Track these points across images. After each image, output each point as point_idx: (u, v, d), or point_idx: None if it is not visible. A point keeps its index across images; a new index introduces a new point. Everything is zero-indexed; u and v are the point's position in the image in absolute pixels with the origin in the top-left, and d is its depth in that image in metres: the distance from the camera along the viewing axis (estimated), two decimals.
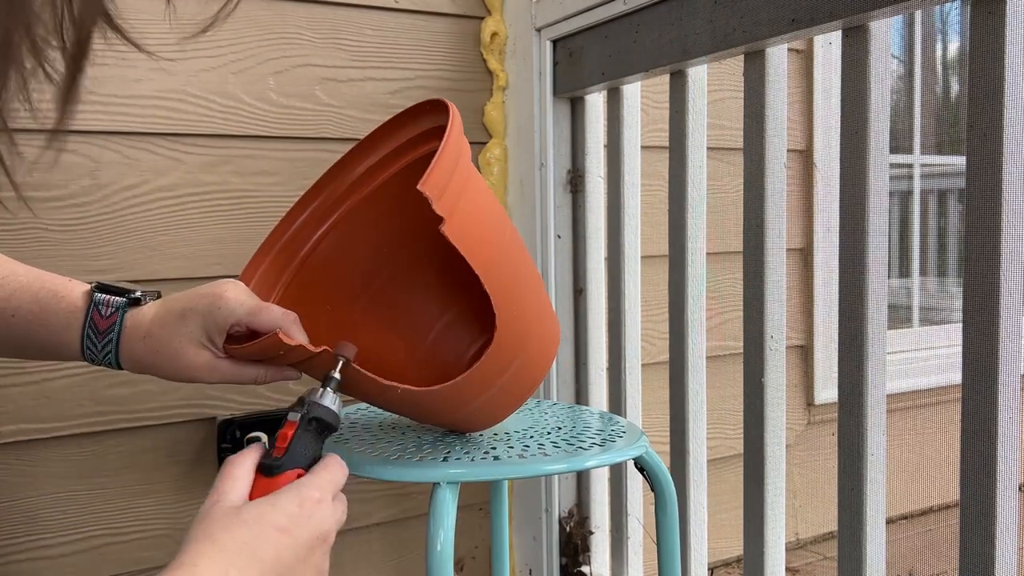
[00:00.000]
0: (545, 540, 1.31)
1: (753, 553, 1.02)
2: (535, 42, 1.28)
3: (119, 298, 0.75)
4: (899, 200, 2.32)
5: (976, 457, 0.75)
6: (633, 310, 1.23)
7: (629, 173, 1.21)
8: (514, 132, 1.33)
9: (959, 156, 2.33)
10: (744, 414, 1.01)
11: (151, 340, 0.75)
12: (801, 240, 1.91)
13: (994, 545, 0.75)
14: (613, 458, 0.82)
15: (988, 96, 0.73)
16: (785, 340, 1.00)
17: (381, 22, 1.26)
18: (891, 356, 0.89)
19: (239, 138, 1.18)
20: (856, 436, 0.87)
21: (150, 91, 1.12)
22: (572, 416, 0.96)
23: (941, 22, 2.43)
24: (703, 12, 0.99)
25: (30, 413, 1.07)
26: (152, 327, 0.75)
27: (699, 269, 1.11)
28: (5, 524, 1.07)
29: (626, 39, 1.12)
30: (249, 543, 0.58)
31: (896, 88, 2.37)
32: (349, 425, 0.94)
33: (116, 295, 0.75)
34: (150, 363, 0.75)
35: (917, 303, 2.30)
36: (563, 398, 1.31)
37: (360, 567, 1.29)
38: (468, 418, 0.81)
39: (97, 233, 1.10)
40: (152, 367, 0.76)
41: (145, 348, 0.75)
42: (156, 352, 0.75)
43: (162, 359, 0.75)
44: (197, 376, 0.76)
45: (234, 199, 1.18)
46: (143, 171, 1.12)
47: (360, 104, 1.25)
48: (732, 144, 1.68)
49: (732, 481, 1.55)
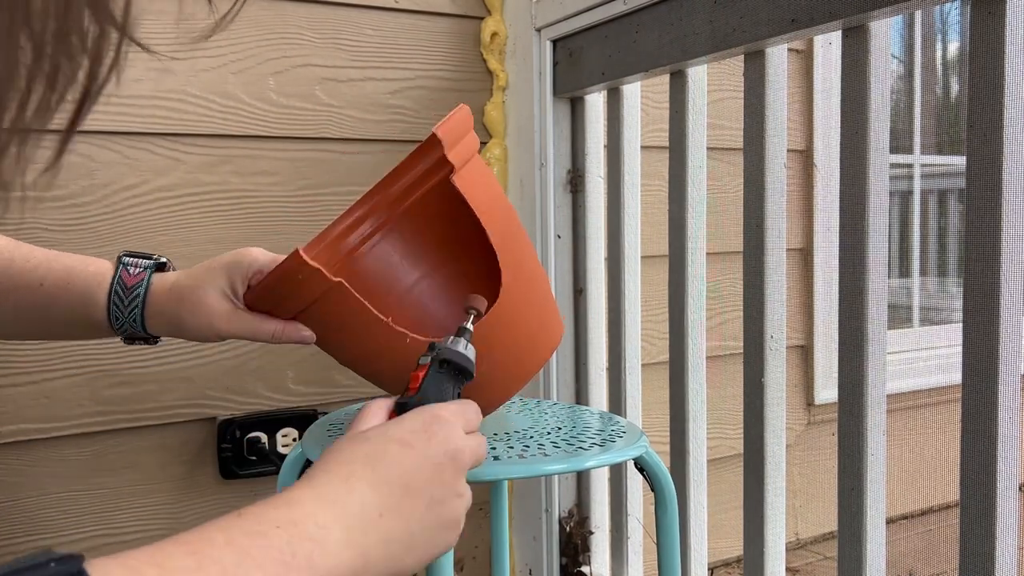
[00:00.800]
0: (545, 540, 1.31)
1: (753, 553, 1.02)
2: (535, 42, 1.28)
3: (146, 260, 0.80)
4: (899, 200, 2.32)
5: (976, 457, 0.75)
6: (633, 310, 1.23)
7: (629, 173, 1.21)
8: (514, 132, 1.33)
9: (959, 156, 2.33)
10: (744, 414, 1.01)
11: (176, 290, 0.78)
12: (801, 240, 1.91)
13: (994, 545, 0.75)
14: (613, 458, 0.82)
15: (988, 96, 0.73)
16: (785, 340, 1.00)
17: (381, 22, 1.26)
18: (891, 356, 0.89)
19: (239, 138, 1.18)
20: (856, 436, 0.87)
21: (150, 91, 1.12)
22: (572, 416, 0.96)
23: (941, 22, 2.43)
24: (703, 12, 0.99)
25: (30, 413, 1.07)
26: (178, 279, 0.79)
27: (699, 269, 1.11)
28: (5, 524, 1.07)
29: (626, 39, 1.12)
30: (370, 454, 0.57)
31: (896, 88, 2.37)
32: (349, 424, 0.94)
33: (143, 259, 0.80)
34: (173, 313, 0.78)
35: (917, 303, 2.30)
36: (563, 398, 1.31)
37: None
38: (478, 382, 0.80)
39: (97, 233, 1.10)
40: (175, 319, 0.79)
41: (169, 298, 0.78)
42: (180, 300, 0.78)
43: (185, 308, 0.78)
44: (217, 324, 0.78)
45: (234, 199, 1.18)
46: (143, 171, 1.12)
47: (360, 104, 1.25)
48: (732, 144, 1.68)
49: (732, 481, 1.55)
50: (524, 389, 1.32)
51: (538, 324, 0.83)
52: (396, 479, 0.56)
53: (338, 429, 0.92)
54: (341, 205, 1.20)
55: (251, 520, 0.47)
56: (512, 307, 0.78)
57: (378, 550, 0.53)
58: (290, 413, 1.21)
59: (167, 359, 1.14)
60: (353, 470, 0.55)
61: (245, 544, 0.45)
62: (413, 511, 0.57)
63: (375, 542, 0.53)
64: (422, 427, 0.60)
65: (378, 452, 0.57)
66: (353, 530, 0.52)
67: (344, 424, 0.95)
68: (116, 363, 1.11)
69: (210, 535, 0.44)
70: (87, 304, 0.78)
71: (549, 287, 0.93)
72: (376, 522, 0.54)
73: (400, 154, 1.28)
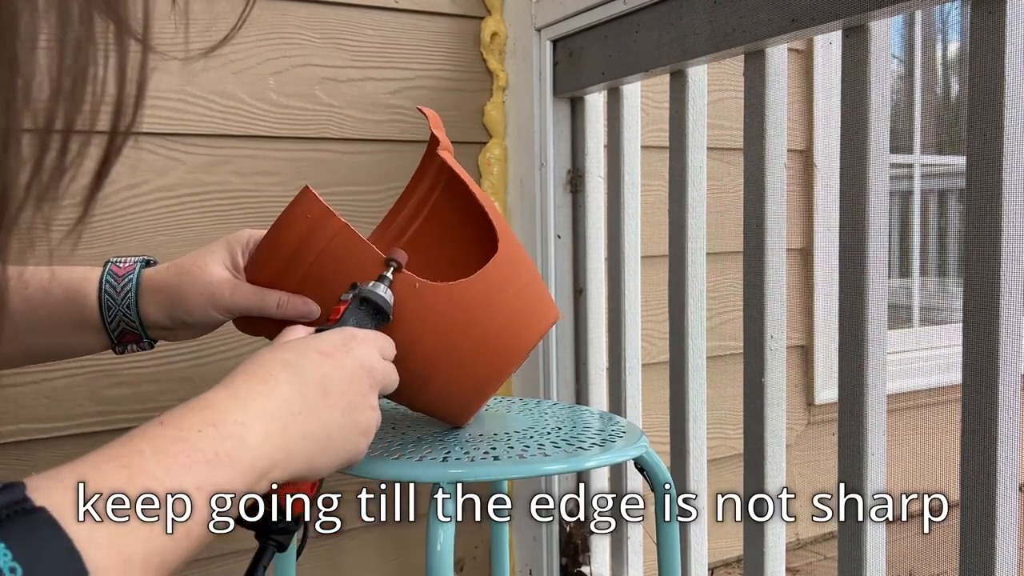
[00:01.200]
0: (545, 540, 1.31)
1: (753, 553, 1.02)
2: (535, 42, 1.28)
3: (133, 257, 0.79)
4: (899, 200, 2.32)
5: (976, 457, 0.75)
6: (633, 310, 1.23)
7: (629, 173, 1.21)
8: (514, 132, 1.33)
9: (959, 156, 2.33)
10: (744, 414, 1.01)
11: (174, 266, 0.77)
12: (801, 240, 1.91)
13: (994, 545, 0.75)
14: (613, 458, 0.82)
15: (988, 96, 0.73)
16: (785, 340, 1.00)
17: (381, 22, 1.26)
18: (891, 356, 0.89)
19: (239, 138, 1.18)
20: (856, 436, 0.87)
21: (150, 91, 1.12)
22: (572, 416, 0.96)
23: (941, 22, 2.43)
24: (703, 12, 0.99)
25: (30, 413, 1.07)
26: (174, 260, 0.78)
27: (699, 269, 1.11)
28: None
29: (626, 39, 1.12)
30: (290, 360, 0.60)
31: (896, 88, 2.37)
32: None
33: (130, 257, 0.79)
34: (173, 288, 0.76)
35: (917, 303, 2.30)
36: (563, 398, 1.31)
37: (360, 567, 1.29)
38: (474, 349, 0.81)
39: (96, 233, 1.10)
40: (175, 294, 0.76)
41: (168, 274, 0.77)
42: (180, 273, 0.76)
43: (186, 280, 0.76)
44: (219, 295, 0.76)
45: (234, 199, 1.18)
46: (143, 171, 1.12)
47: (360, 104, 1.25)
48: (732, 144, 1.68)
49: (732, 481, 1.55)
50: (524, 389, 1.33)
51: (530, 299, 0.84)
52: (314, 382, 0.60)
53: None
54: (341, 205, 1.20)
55: (173, 428, 0.49)
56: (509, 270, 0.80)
57: (297, 445, 0.56)
58: None
59: (167, 359, 1.14)
60: (273, 372, 0.58)
61: (171, 451, 0.47)
62: (331, 413, 0.60)
63: (294, 437, 0.56)
64: (340, 341, 0.64)
65: (298, 358, 0.61)
66: (273, 424, 0.54)
67: None
68: (116, 363, 1.11)
69: (138, 446, 0.47)
70: (74, 302, 0.75)
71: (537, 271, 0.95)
72: (295, 418, 0.56)
73: (400, 154, 1.28)
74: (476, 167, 1.35)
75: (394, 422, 0.94)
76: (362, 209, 1.23)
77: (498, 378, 0.84)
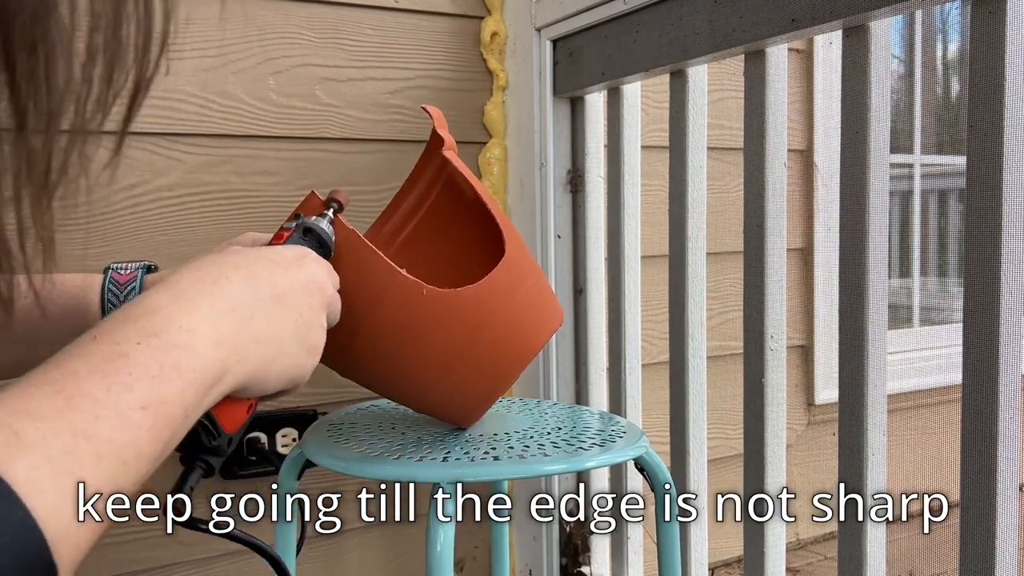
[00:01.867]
0: (545, 540, 1.31)
1: (753, 553, 1.02)
2: (535, 42, 1.28)
3: (134, 263, 0.76)
4: (899, 200, 2.32)
5: (976, 457, 0.75)
6: (633, 310, 1.23)
7: (629, 173, 1.21)
8: (514, 132, 1.33)
9: (959, 156, 2.33)
10: (744, 414, 1.01)
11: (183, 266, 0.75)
12: (801, 240, 1.91)
13: (994, 545, 0.75)
14: (613, 458, 0.82)
15: (988, 96, 0.73)
16: (785, 340, 1.00)
17: (381, 22, 1.26)
18: (891, 356, 0.89)
19: (239, 138, 1.18)
20: (856, 436, 0.87)
21: (150, 90, 1.12)
22: (572, 416, 0.96)
23: (941, 22, 2.43)
24: (703, 12, 0.99)
25: None
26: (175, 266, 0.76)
27: (699, 269, 1.11)
28: None
29: (626, 39, 1.12)
30: (241, 264, 0.56)
31: (896, 88, 2.37)
32: (349, 424, 0.94)
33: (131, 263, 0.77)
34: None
35: (917, 303, 2.30)
36: (563, 398, 1.31)
37: (360, 567, 1.29)
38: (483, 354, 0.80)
39: (96, 233, 1.10)
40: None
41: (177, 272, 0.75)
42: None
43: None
44: None
45: (234, 199, 1.18)
46: (142, 171, 1.12)
47: (360, 104, 1.25)
48: (732, 144, 1.68)
49: (732, 481, 1.55)
50: (524, 389, 1.33)
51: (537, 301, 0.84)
52: (267, 289, 0.56)
53: (338, 430, 0.92)
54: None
55: (108, 343, 0.44)
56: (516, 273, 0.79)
57: (249, 350, 0.52)
58: (290, 413, 1.21)
59: None
60: (224, 273, 0.54)
61: (108, 370, 0.43)
62: (285, 322, 0.56)
63: (247, 341, 0.52)
64: (293, 256, 0.61)
65: (250, 263, 0.56)
66: (224, 326, 0.50)
67: (344, 425, 0.95)
68: None
69: (72, 367, 0.42)
70: (75, 311, 0.73)
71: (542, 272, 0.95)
72: (248, 322, 0.53)
73: (400, 154, 1.28)
74: (476, 167, 1.35)
75: (394, 422, 0.94)
76: (362, 209, 1.23)
77: (507, 381, 0.84)
